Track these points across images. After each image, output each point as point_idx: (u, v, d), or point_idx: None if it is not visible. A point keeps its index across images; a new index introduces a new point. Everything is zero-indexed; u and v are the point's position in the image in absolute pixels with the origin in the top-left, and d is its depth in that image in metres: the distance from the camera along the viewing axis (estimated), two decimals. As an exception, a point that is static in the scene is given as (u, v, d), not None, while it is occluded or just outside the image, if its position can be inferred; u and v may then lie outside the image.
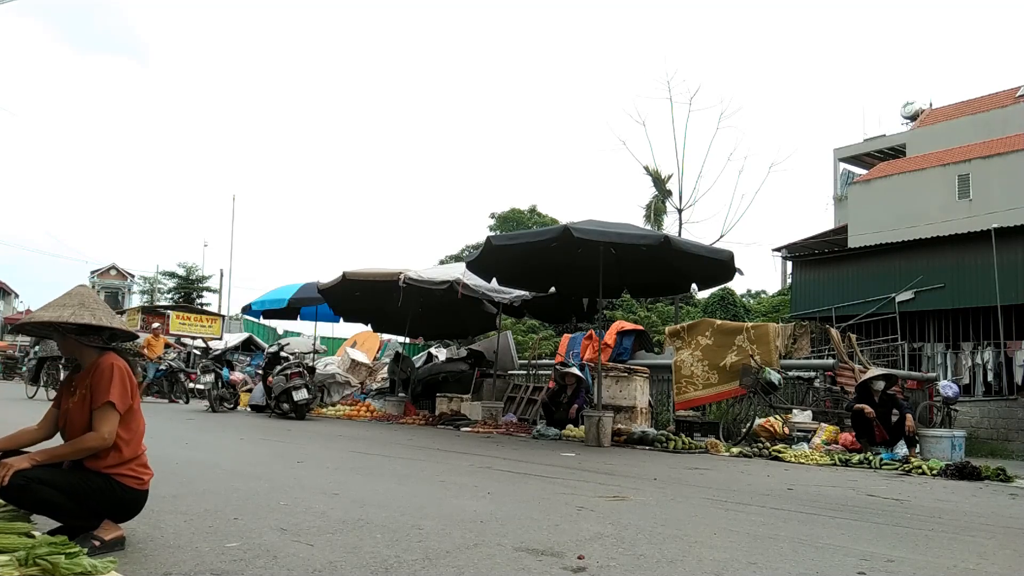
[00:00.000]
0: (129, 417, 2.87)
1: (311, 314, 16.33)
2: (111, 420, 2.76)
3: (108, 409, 2.76)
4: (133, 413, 2.89)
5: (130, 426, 2.87)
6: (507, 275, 10.74)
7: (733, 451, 8.56)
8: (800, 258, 18.91)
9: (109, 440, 2.75)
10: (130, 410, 2.87)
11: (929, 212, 19.84)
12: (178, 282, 42.70)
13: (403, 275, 11.97)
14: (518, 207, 33.06)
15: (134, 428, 2.89)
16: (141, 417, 2.96)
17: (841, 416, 9.55)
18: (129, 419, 2.87)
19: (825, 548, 3.34)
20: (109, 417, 2.76)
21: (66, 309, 2.84)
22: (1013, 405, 12.00)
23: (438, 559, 2.83)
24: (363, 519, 3.55)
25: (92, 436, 2.75)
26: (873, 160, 26.97)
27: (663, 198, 24.87)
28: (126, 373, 2.84)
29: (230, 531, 3.17)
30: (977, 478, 6.88)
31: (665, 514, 4.12)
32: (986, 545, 3.67)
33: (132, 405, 2.87)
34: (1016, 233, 13.69)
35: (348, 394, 14.88)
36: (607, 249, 9.60)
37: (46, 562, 2.34)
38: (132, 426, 2.88)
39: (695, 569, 2.86)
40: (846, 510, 4.61)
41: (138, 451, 2.91)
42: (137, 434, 2.92)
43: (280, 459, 6.26)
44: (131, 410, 2.87)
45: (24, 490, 2.63)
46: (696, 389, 10.37)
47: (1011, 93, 24.24)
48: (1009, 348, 13.56)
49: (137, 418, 2.92)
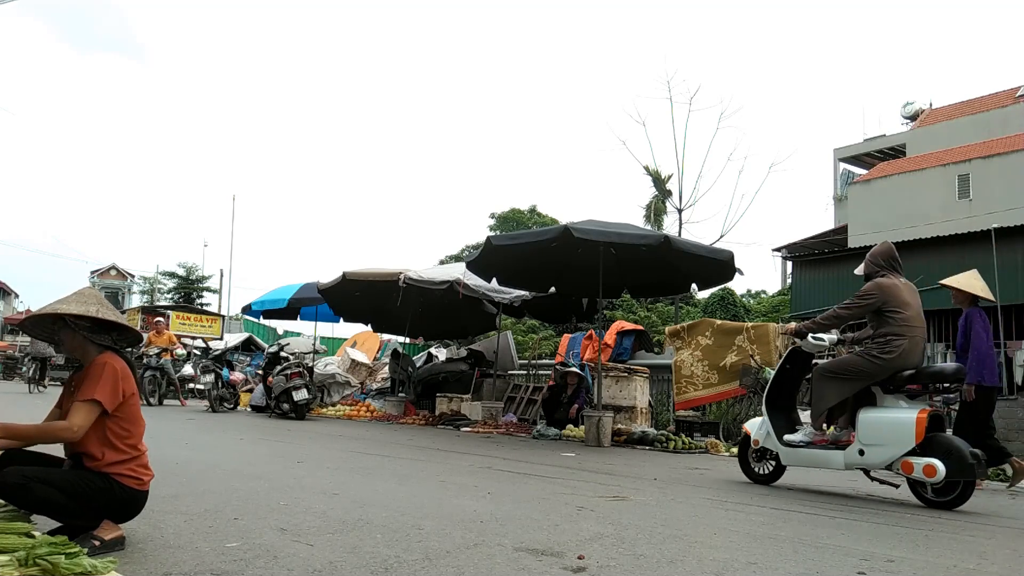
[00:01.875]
0: (127, 417, 2.86)
1: (311, 314, 16.33)
2: (85, 414, 2.71)
3: (89, 404, 2.73)
4: (131, 413, 2.88)
5: (128, 426, 2.86)
6: (507, 275, 10.74)
7: (733, 451, 8.56)
8: (800, 258, 18.93)
9: (78, 433, 2.70)
10: (128, 410, 2.85)
11: (929, 212, 19.85)
12: (178, 282, 42.74)
13: (403, 275, 11.97)
14: (518, 207, 33.08)
15: (133, 428, 2.89)
16: (140, 417, 2.96)
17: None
18: (127, 419, 2.86)
19: (825, 548, 3.34)
20: (85, 411, 2.72)
21: (90, 305, 2.85)
22: (1013, 405, 11.97)
23: (438, 559, 2.83)
24: (363, 519, 3.55)
25: (61, 425, 2.72)
26: (873, 160, 26.99)
27: (663, 198, 24.89)
28: (120, 373, 2.82)
29: (230, 531, 3.16)
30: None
31: (665, 514, 4.12)
32: (986, 545, 3.67)
33: (129, 405, 2.85)
34: (1016, 233, 13.70)
35: (348, 394, 14.88)
36: (607, 249, 9.60)
37: (46, 562, 2.34)
38: (130, 426, 2.87)
39: (695, 569, 2.86)
40: (846, 510, 4.61)
41: (138, 451, 2.90)
42: (136, 434, 2.91)
43: (280, 459, 6.26)
44: (129, 410, 2.86)
45: (23, 489, 2.63)
46: (696, 389, 10.37)
47: (1011, 93, 24.25)
48: (1009, 348, 13.55)
49: (136, 418, 2.91)
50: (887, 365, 5.05)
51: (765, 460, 5.90)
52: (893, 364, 5.04)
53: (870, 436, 5.05)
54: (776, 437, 5.60)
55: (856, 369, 5.16)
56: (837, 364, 5.38)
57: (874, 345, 5.16)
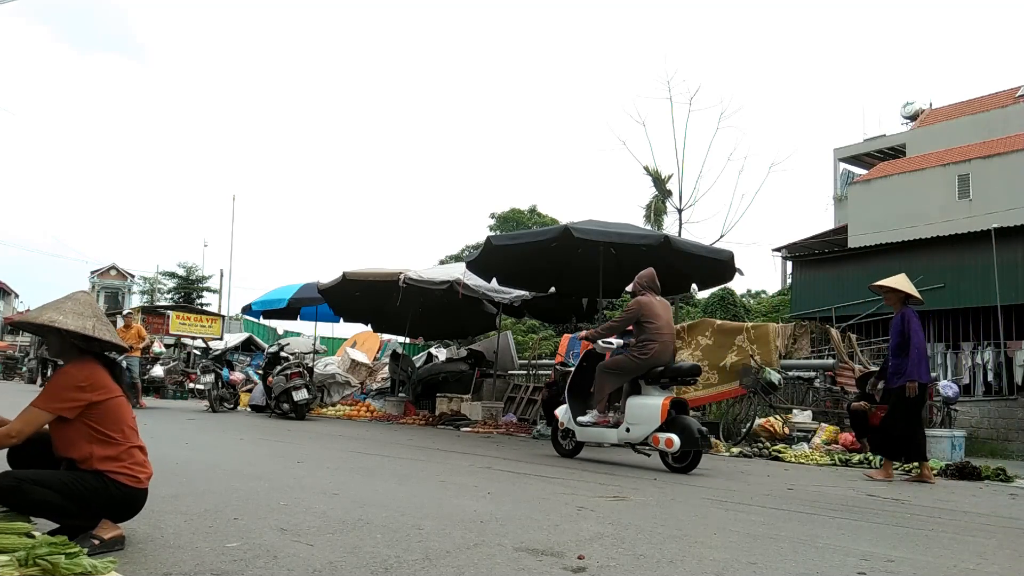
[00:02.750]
0: (104, 418, 2.82)
1: (311, 314, 16.33)
2: (25, 419, 2.76)
3: (31, 409, 2.77)
4: (108, 415, 2.84)
5: (109, 427, 2.83)
6: (507, 275, 10.74)
7: (733, 451, 8.56)
8: (800, 258, 18.91)
9: (17, 438, 2.74)
10: (102, 413, 2.82)
11: (929, 212, 19.83)
12: (178, 282, 42.70)
13: (403, 275, 11.97)
14: (518, 207, 33.07)
15: (116, 428, 2.85)
16: (124, 418, 2.90)
17: (841, 416, 9.54)
18: (104, 420, 2.82)
19: (825, 548, 3.34)
20: (25, 416, 2.76)
21: (87, 320, 2.86)
22: (1013, 405, 11.98)
23: (438, 559, 2.83)
24: (363, 519, 3.54)
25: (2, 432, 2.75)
26: (873, 160, 26.97)
27: (663, 198, 24.84)
28: (75, 380, 2.80)
29: (230, 531, 3.16)
30: (977, 478, 6.88)
31: (665, 514, 4.12)
32: (986, 545, 3.67)
33: (101, 408, 2.82)
34: (1016, 233, 13.68)
35: (348, 394, 14.87)
36: (607, 249, 9.60)
37: (46, 562, 2.34)
38: (111, 427, 2.83)
39: (695, 569, 2.86)
40: (846, 510, 4.61)
41: (130, 448, 2.87)
42: (124, 431, 2.87)
43: (280, 459, 6.26)
44: (104, 413, 2.83)
45: (17, 491, 2.63)
46: (696, 389, 10.35)
47: (1011, 93, 24.23)
48: (1009, 348, 13.54)
49: (117, 419, 2.87)
50: (644, 363, 6.52)
51: (569, 438, 7.20)
52: (649, 362, 6.50)
53: (632, 417, 6.48)
54: (573, 419, 6.97)
55: (623, 366, 6.64)
56: (612, 362, 6.76)
57: (635, 348, 6.59)
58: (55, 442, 2.85)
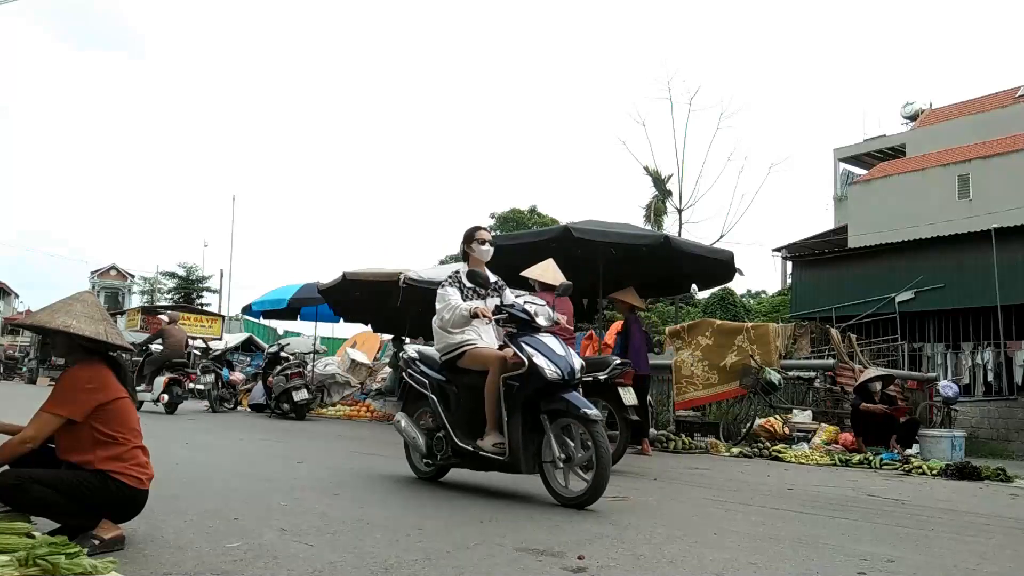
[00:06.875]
0: (110, 420, 2.82)
1: (311, 314, 16.31)
2: (39, 424, 2.76)
3: (44, 414, 2.77)
4: (113, 416, 2.84)
5: (114, 428, 2.83)
6: (507, 275, 10.71)
7: (733, 451, 8.56)
8: (800, 258, 18.92)
9: (34, 444, 2.75)
10: (108, 414, 2.82)
11: (929, 212, 19.83)
12: (178, 282, 42.65)
13: (403, 275, 11.95)
14: (518, 207, 33.05)
15: (120, 429, 2.85)
16: (129, 419, 2.91)
17: (841, 416, 9.55)
18: (110, 422, 2.82)
19: (825, 548, 3.34)
20: (39, 421, 2.76)
21: (99, 324, 2.86)
22: (1013, 405, 11.99)
23: (438, 559, 2.83)
24: (363, 519, 3.55)
25: (17, 438, 2.76)
26: (873, 160, 26.97)
27: (663, 198, 24.86)
28: (83, 382, 2.80)
29: (230, 531, 3.16)
30: (977, 478, 6.88)
31: (665, 514, 4.12)
32: (986, 545, 3.67)
33: (107, 410, 2.82)
34: (1016, 233, 13.68)
35: (348, 394, 14.87)
36: (607, 249, 9.60)
37: (46, 562, 2.34)
38: (116, 428, 2.83)
39: (695, 569, 2.86)
40: (846, 510, 4.61)
41: (133, 448, 2.87)
42: (127, 431, 2.87)
43: (280, 459, 6.26)
44: (110, 414, 2.83)
45: (18, 489, 2.63)
46: (696, 389, 10.36)
47: (1011, 93, 24.24)
48: (1009, 348, 13.56)
49: (123, 420, 2.87)
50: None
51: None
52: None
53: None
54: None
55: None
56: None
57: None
58: (59, 445, 2.84)
